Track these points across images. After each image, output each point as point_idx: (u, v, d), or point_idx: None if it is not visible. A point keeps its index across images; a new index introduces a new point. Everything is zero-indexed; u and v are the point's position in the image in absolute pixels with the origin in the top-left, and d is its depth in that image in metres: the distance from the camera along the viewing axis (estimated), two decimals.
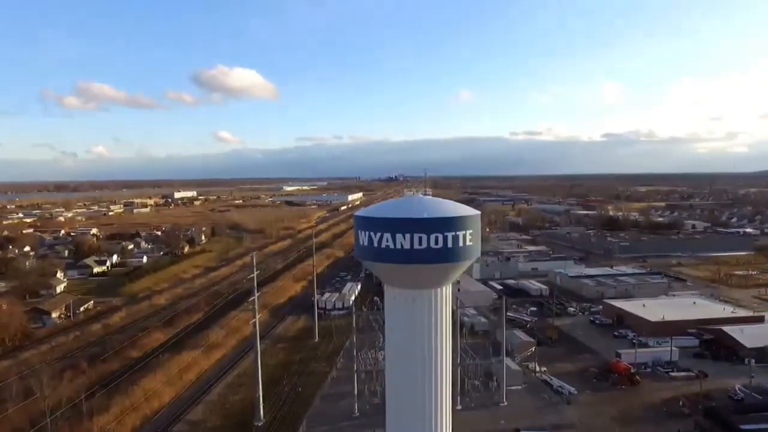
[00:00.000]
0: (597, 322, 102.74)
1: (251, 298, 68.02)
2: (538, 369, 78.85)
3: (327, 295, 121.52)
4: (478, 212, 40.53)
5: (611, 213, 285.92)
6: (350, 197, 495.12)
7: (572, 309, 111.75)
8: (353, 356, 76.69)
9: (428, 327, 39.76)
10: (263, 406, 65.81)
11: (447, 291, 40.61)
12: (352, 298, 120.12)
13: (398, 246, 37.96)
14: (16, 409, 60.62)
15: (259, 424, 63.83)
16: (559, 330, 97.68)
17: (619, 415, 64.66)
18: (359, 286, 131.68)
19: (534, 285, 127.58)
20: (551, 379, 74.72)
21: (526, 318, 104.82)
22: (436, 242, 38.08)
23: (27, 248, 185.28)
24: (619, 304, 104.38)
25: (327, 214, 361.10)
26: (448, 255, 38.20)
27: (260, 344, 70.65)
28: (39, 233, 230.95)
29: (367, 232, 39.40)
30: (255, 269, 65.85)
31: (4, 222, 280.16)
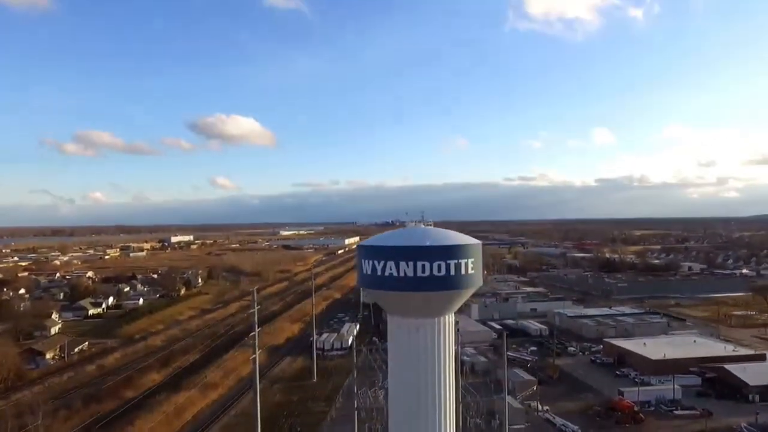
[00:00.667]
0: (598, 361, 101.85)
1: (251, 334, 67.49)
2: (540, 408, 77.76)
3: (325, 335, 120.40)
4: (480, 242, 41.62)
5: (608, 255, 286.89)
6: (347, 241, 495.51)
7: (572, 348, 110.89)
8: (352, 395, 75.73)
9: (432, 355, 39.90)
10: None
11: (450, 320, 40.97)
12: (351, 338, 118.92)
13: (402, 274, 38.64)
14: None
15: None
16: (560, 369, 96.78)
17: None
18: (357, 327, 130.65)
19: (533, 325, 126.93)
20: (554, 418, 73.65)
21: (526, 357, 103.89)
22: (439, 270, 38.80)
23: (22, 290, 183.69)
24: (619, 343, 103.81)
25: (324, 258, 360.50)
26: (451, 282, 38.89)
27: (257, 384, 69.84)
28: (34, 276, 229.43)
29: (370, 261, 40.16)
30: (255, 304, 65.71)
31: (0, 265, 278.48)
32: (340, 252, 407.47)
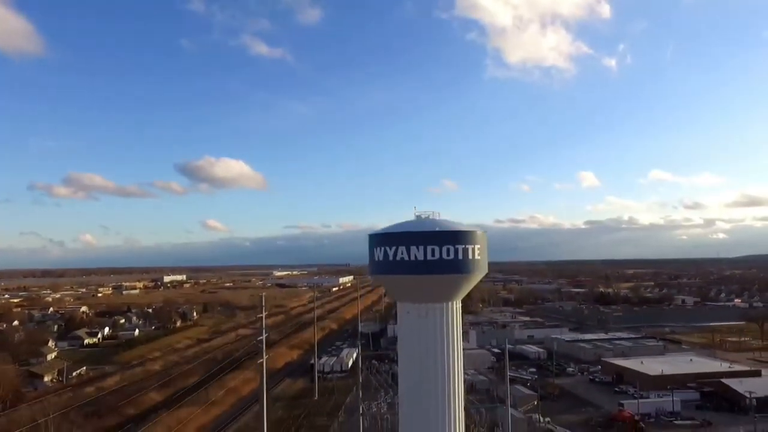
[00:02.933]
0: (597, 380, 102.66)
1: (259, 338, 68.39)
2: (541, 420, 78.29)
3: (325, 358, 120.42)
4: (485, 231, 44.27)
5: (602, 290, 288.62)
6: (341, 280, 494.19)
7: (571, 369, 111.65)
8: (355, 410, 76.03)
9: (441, 339, 41.89)
10: None
11: (457, 306, 43.08)
12: (350, 361, 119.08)
13: (413, 258, 41.26)
14: None
15: None
16: (560, 387, 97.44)
17: None
18: (356, 352, 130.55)
19: (532, 349, 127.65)
20: (555, 428, 74.25)
21: (526, 376, 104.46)
22: (448, 254, 41.48)
23: (15, 322, 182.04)
24: (617, 361, 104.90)
25: (319, 294, 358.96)
26: (459, 266, 41.45)
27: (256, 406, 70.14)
28: (27, 311, 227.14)
29: (382, 248, 42.73)
30: (264, 307, 66.98)
31: None
32: (334, 289, 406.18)
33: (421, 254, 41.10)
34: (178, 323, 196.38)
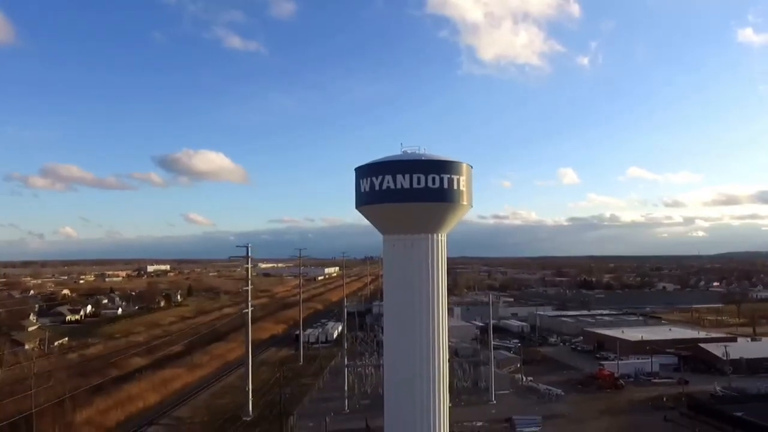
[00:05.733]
0: (578, 348, 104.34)
1: (244, 287, 68.64)
2: (524, 378, 79.51)
3: (310, 330, 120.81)
4: (470, 165, 44.74)
5: (585, 278, 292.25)
6: (327, 270, 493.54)
7: (553, 340, 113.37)
8: (339, 372, 76.55)
9: (426, 270, 42.33)
10: (251, 407, 64.82)
11: (442, 239, 43.59)
12: (335, 333, 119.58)
13: (398, 186, 41.72)
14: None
15: (248, 419, 62.67)
16: (543, 354, 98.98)
17: (607, 409, 65.55)
18: (341, 326, 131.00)
19: (515, 323, 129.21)
20: (538, 385, 75.45)
21: (509, 345, 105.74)
22: (434, 182, 42.07)
23: None
24: (598, 330, 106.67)
25: (304, 282, 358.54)
26: (444, 195, 42.00)
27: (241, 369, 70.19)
28: (8, 292, 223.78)
29: (368, 179, 43.11)
30: (249, 258, 67.20)
31: None
32: (320, 278, 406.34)
33: (407, 182, 41.60)
34: (162, 304, 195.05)
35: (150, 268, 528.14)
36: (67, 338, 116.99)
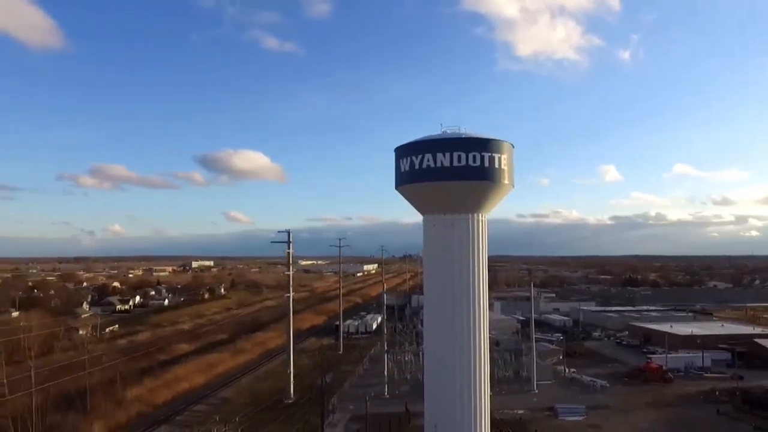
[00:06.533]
0: (624, 342, 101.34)
1: (286, 272, 69.61)
2: (567, 370, 77.79)
3: (350, 321, 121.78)
4: (512, 144, 43.93)
5: (630, 275, 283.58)
6: (365, 267, 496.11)
7: (597, 334, 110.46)
8: (378, 360, 76.79)
9: (466, 250, 41.65)
10: (292, 390, 65.79)
11: (483, 219, 42.87)
12: (375, 324, 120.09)
13: (438, 164, 41.28)
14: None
15: (289, 402, 63.67)
16: (587, 348, 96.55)
17: (654, 401, 63.43)
18: (380, 317, 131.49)
19: (557, 317, 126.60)
20: (581, 377, 73.73)
21: (552, 338, 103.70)
22: (474, 160, 41.40)
23: (51, 292, 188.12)
24: (645, 324, 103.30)
25: (343, 278, 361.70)
26: (485, 173, 41.26)
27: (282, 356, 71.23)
28: (63, 283, 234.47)
29: (408, 158, 42.84)
30: (290, 246, 68.09)
31: (28, 278, 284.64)
32: (359, 275, 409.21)
33: (447, 161, 41.10)
34: (206, 296, 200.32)
35: (194, 264, 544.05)
36: (117, 326, 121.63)
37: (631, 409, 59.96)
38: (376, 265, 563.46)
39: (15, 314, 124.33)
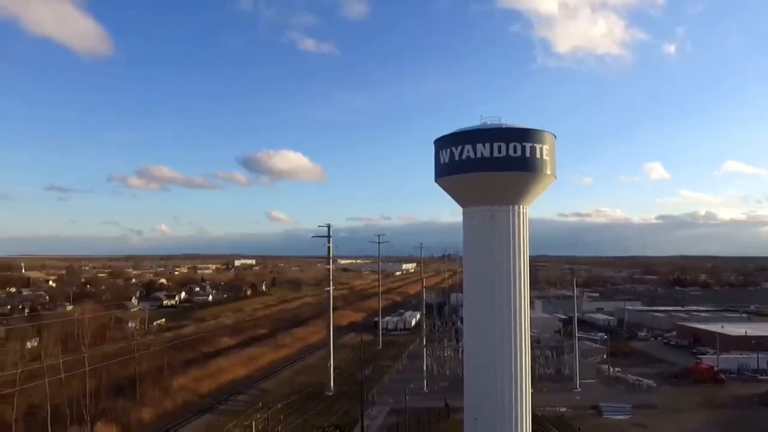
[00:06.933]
0: (672, 343, 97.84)
1: (326, 266, 70.35)
2: (611, 369, 75.68)
3: (388, 318, 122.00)
4: (554, 134, 43.02)
5: (678, 275, 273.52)
6: (404, 266, 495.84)
7: (643, 334, 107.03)
8: (417, 356, 76.63)
9: (507, 244, 40.94)
10: (332, 383, 66.48)
11: (525, 211, 42.10)
12: (413, 321, 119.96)
13: (479, 155, 40.77)
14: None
15: (329, 394, 64.37)
16: (632, 348, 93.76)
17: (705, 402, 61.04)
18: (419, 315, 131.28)
19: (601, 316, 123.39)
20: (626, 376, 71.63)
21: (595, 338, 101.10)
22: (515, 151, 40.73)
23: (102, 287, 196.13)
24: (695, 324, 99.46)
25: (383, 277, 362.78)
26: (526, 164, 40.51)
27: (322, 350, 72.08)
28: (113, 279, 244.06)
29: (448, 149, 42.48)
30: (330, 240, 68.80)
31: (81, 275, 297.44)
32: (397, 273, 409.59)
33: (488, 151, 40.54)
34: (249, 293, 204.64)
35: (237, 263, 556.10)
36: (163, 320, 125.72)
37: (680, 410, 57.87)
38: (414, 264, 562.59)
39: (69, 308, 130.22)
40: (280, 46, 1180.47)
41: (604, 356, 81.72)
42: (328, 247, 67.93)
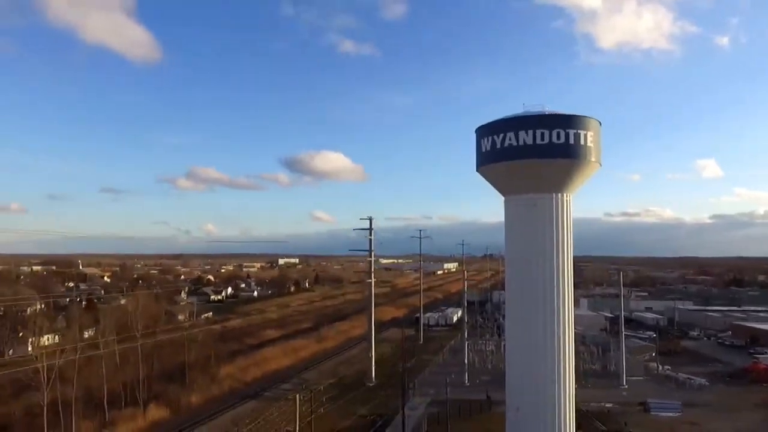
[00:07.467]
0: (726, 343, 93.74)
1: (368, 259, 70.97)
2: (660, 367, 73.28)
3: (429, 314, 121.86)
4: (599, 121, 42.07)
5: (734, 276, 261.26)
6: (446, 265, 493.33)
7: (695, 333, 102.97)
8: (458, 351, 76.37)
9: (550, 233, 40.30)
10: (374, 374, 67.07)
11: (568, 200, 41.37)
12: (455, 317, 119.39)
13: (521, 143, 40.31)
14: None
15: (370, 385, 64.97)
16: (684, 347, 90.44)
17: (763, 403, 58.20)
18: (460, 311, 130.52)
19: (650, 315, 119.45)
20: (677, 374, 69.20)
21: (643, 336, 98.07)
22: (558, 137, 40.11)
23: (153, 282, 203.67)
24: (752, 324, 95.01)
25: (424, 276, 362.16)
26: (569, 151, 39.81)
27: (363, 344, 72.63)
28: (164, 276, 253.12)
29: (490, 137, 42.17)
30: (371, 233, 69.43)
31: (133, 272, 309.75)
32: (439, 272, 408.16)
33: (530, 138, 40.09)
34: (292, 289, 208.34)
35: (281, 261, 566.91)
36: (211, 313, 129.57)
37: (735, 409, 55.48)
38: (455, 264, 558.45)
39: (122, 301, 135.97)
40: (320, 48, 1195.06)
41: (653, 354, 79.24)
42: (370, 240, 68.54)
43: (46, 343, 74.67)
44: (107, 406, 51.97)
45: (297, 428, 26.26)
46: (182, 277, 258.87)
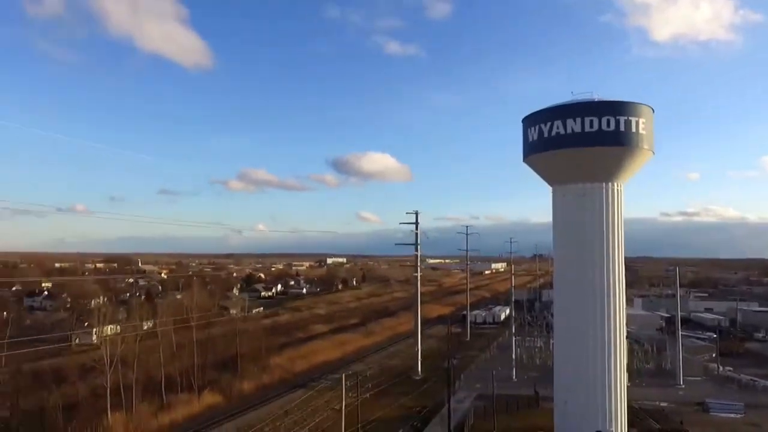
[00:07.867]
0: None
1: (414, 253, 71.14)
2: (721, 368, 70.02)
3: (477, 311, 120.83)
4: (651, 107, 40.70)
5: None
6: (493, 265, 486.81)
7: (761, 335, 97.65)
8: (506, 348, 75.39)
9: (600, 223, 39.42)
10: (420, 368, 67.27)
11: (620, 189, 40.25)
12: (503, 315, 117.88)
13: (569, 131, 39.55)
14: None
15: (417, 378, 65.19)
16: (746, 348, 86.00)
17: None
18: (508, 309, 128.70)
19: (709, 316, 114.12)
20: (739, 376, 65.96)
21: (703, 336, 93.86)
22: (608, 125, 39.21)
23: (207, 279, 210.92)
24: None
25: (471, 276, 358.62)
26: (620, 138, 38.84)
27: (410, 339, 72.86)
28: (217, 273, 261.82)
29: (537, 126, 41.58)
30: (417, 227, 69.61)
31: (188, 270, 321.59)
32: (486, 272, 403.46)
33: (579, 126, 39.32)
34: (340, 287, 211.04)
35: (329, 260, 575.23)
36: (261, 308, 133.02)
37: None
38: (503, 264, 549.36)
39: (178, 296, 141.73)
40: (366, 50, 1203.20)
41: (713, 355, 75.81)
42: (415, 233, 68.77)
43: (109, 333, 78.91)
44: (164, 390, 54.50)
45: (344, 406, 26.84)
46: (234, 274, 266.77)
